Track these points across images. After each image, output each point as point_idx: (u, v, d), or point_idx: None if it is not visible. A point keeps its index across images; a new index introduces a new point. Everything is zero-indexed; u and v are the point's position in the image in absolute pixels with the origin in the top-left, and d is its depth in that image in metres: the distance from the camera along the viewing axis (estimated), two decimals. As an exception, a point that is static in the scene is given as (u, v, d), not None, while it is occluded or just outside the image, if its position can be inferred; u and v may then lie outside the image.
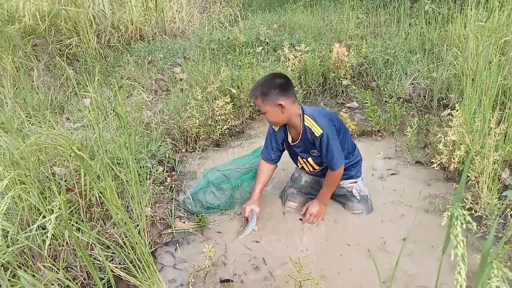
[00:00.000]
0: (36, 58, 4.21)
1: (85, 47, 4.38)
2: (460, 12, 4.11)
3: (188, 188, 2.56)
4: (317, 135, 2.00)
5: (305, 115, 2.05)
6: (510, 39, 3.20)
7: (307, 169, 2.29)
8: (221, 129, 3.06)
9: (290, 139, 2.19)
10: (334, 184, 2.20)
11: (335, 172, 2.10)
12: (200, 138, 3.02)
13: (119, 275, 1.66)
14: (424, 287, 1.77)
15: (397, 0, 4.90)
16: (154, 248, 2.05)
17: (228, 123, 3.11)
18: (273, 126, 2.23)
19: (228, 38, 4.53)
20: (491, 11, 3.54)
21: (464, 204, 2.06)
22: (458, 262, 0.72)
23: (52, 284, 1.36)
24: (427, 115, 3.11)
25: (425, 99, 3.37)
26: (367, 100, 3.02)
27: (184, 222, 2.25)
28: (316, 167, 2.22)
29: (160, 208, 2.31)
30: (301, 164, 2.28)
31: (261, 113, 2.06)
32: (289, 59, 3.68)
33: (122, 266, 1.73)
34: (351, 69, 3.81)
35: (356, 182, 2.28)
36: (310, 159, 2.20)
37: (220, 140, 3.12)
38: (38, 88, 3.62)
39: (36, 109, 3.26)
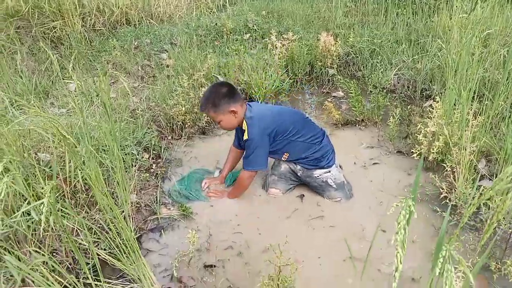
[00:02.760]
0: (20, 41, 4.13)
1: (69, 30, 4.31)
2: (446, 3, 4.16)
3: (174, 175, 2.59)
4: (244, 139, 2.20)
5: (244, 119, 2.20)
6: (492, 32, 3.26)
7: None
8: (207, 116, 3.07)
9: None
10: (240, 186, 2.34)
11: (245, 173, 2.26)
12: (186, 125, 3.03)
13: (104, 259, 1.69)
14: (402, 274, 1.85)
15: (385, -11, 4.92)
16: (139, 234, 2.08)
17: (214, 110, 3.12)
18: None
19: (216, 24, 4.51)
20: (474, 3, 3.58)
21: (439, 193, 2.14)
22: (396, 247, 0.78)
23: (36, 270, 1.38)
24: (410, 105, 3.17)
25: (408, 90, 3.43)
26: (352, 90, 3.07)
27: (169, 209, 2.28)
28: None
29: (145, 194, 2.34)
30: None
31: (216, 123, 2.25)
32: (276, 47, 3.69)
33: (108, 251, 1.76)
34: (338, 58, 3.84)
35: (329, 172, 2.33)
36: None
37: (206, 128, 3.14)
38: (21, 72, 3.57)
39: (20, 94, 3.22)
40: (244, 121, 2.19)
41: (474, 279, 0.82)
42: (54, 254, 1.76)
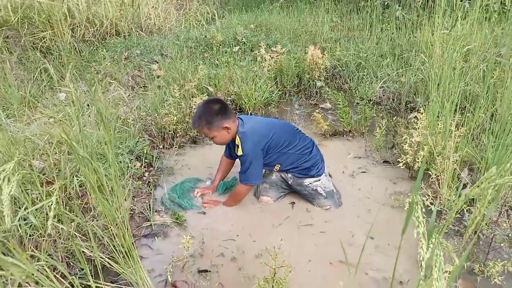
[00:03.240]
0: (8, 51, 4.12)
1: (59, 40, 4.32)
2: (428, 20, 4.34)
3: (166, 183, 2.61)
4: (238, 154, 2.24)
5: (237, 134, 2.23)
6: (472, 47, 3.42)
7: None
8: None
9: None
10: (236, 198, 2.41)
11: (242, 186, 2.32)
12: (178, 134, 3.07)
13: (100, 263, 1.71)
14: (389, 279, 1.91)
15: (370, 5, 5.10)
16: (133, 240, 2.09)
17: (205, 120, 3.17)
18: None
19: (206, 36, 4.59)
20: (455, 20, 3.75)
21: (425, 199, 2.22)
22: (420, 239, 0.84)
23: (33, 275, 1.39)
24: (395, 117, 3.28)
25: (393, 102, 3.55)
26: (340, 101, 3.16)
27: (162, 216, 2.30)
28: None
29: (138, 202, 2.36)
30: None
31: (209, 138, 2.29)
32: (265, 60, 3.78)
33: (105, 255, 1.78)
34: (325, 71, 3.95)
35: (319, 180, 2.40)
36: None
37: (197, 137, 3.18)
38: (10, 81, 3.56)
39: (10, 102, 3.21)
40: (237, 136, 2.23)
41: (459, 268, 0.89)
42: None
